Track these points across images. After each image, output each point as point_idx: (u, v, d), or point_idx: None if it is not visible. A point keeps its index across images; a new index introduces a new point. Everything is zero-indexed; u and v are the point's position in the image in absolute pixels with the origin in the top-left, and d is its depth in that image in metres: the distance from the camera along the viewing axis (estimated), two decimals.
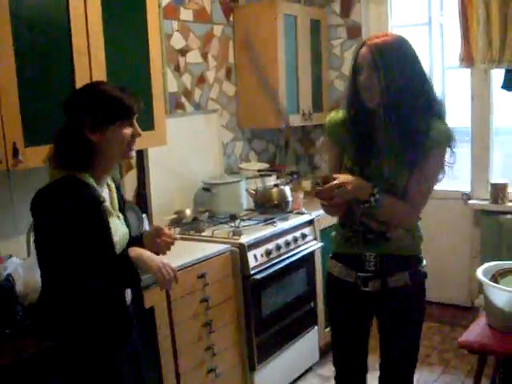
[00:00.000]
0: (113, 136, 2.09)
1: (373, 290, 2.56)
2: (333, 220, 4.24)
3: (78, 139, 2.07)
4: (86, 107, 2.07)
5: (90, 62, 2.93)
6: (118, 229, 2.22)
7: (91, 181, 2.10)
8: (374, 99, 2.37)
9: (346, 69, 4.77)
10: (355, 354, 2.76)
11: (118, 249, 2.19)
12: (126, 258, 2.15)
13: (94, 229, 2.05)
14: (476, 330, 3.29)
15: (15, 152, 2.58)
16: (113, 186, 2.30)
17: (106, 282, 2.10)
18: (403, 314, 2.60)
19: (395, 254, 2.53)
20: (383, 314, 2.66)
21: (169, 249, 2.36)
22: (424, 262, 2.62)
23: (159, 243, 2.33)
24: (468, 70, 4.44)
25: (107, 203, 2.18)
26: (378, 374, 2.73)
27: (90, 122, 2.05)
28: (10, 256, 2.87)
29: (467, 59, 4.24)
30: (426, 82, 2.40)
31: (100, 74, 2.97)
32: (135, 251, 2.18)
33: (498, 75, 4.40)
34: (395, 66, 2.30)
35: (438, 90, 2.47)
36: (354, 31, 4.90)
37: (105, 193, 2.22)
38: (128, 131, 2.13)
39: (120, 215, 2.30)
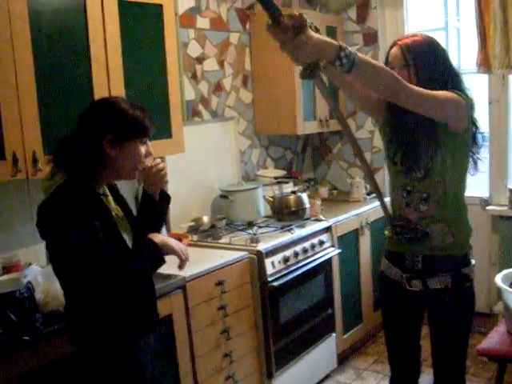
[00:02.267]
0: (129, 152, 2.16)
1: (416, 290, 2.56)
2: (351, 226, 4.27)
3: (95, 151, 2.12)
4: (110, 123, 2.13)
5: (108, 72, 2.96)
6: (122, 226, 2.28)
7: (90, 186, 2.16)
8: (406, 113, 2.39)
9: None
10: (407, 353, 2.77)
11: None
12: (152, 243, 2.19)
13: (108, 232, 2.12)
14: (495, 337, 3.27)
15: (34, 161, 2.61)
16: (107, 191, 2.32)
17: (134, 275, 2.17)
18: (446, 315, 2.58)
19: (436, 253, 2.51)
20: (428, 314, 2.66)
21: (163, 179, 2.44)
22: (472, 262, 2.57)
23: (151, 177, 2.41)
24: (485, 75, 4.42)
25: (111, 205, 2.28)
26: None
27: (112, 138, 2.12)
28: (30, 264, 2.90)
29: (484, 65, 4.22)
30: (457, 77, 2.44)
31: (118, 84, 3.01)
32: (157, 237, 2.23)
33: None
34: (425, 64, 2.38)
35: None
36: (371, 37, 4.89)
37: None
38: (143, 149, 2.21)
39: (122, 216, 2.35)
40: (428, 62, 2.39)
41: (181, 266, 2.32)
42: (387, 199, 2.63)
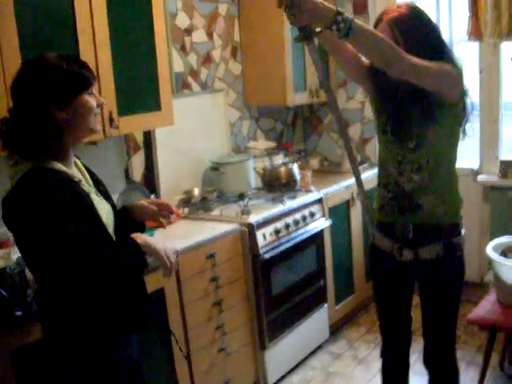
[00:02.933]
0: (81, 107, 1.97)
1: (407, 260, 2.57)
2: (342, 198, 4.27)
3: (45, 121, 1.92)
4: (49, 86, 1.92)
5: (95, 44, 2.91)
6: (101, 206, 2.08)
7: (60, 166, 1.97)
8: (397, 82, 2.37)
9: None
10: (399, 324, 2.78)
11: (109, 229, 2.10)
12: (135, 245, 2.05)
13: (85, 221, 1.95)
14: (486, 307, 3.30)
15: None
16: (78, 162, 2.16)
17: (115, 274, 2.00)
18: (437, 285, 2.58)
19: (427, 223, 2.51)
20: (419, 284, 2.67)
21: (169, 222, 2.37)
22: (462, 232, 2.57)
23: (159, 215, 2.33)
24: (477, 44, 4.39)
25: (83, 181, 2.06)
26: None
27: (55, 100, 1.92)
28: None
29: (475, 33, 4.18)
30: (446, 46, 2.43)
31: (105, 56, 2.97)
32: (140, 237, 2.09)
33: (507, 48, 4.35)
34: (415, 37, 2.35)
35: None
36: (360, 5, 4.84)
37: (74, 169, 2.08)
38: (93, 100, 2.01)
39: (96, 191, 2.14)
40: (417, 35, 2.35)
41: (165, 275, 2.19)
42: (375, 171, 2.63)
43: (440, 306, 2.60)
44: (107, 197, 2.19)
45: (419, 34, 2.37)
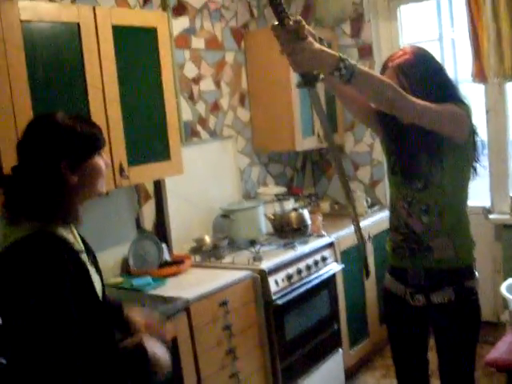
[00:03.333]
0: (92, 171, 1.92)
1: (420, 305, 2.55)
2: (354, 241, 4.25)
3: (55, 183, 1.85)
4: (61, 147, 1.86)
5: (105, 97, 2.99)
6: (95, 278, 1.96)
7: (65, 233, 1.87)
8: (406, 125, 2.40)
9: None
10: (415, 368, 2.74)
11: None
12: (142, 353, 1.94)
13: (86, 302, 1.84)
14: (503, 347, 3.25)
15: None
16: (73, 229, 2.02)
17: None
18: (450, 330, 2.55)
19: (439, 267, 2.49)
20: (434, 329, 2.63)
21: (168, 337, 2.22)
22: (476, 275, 2.53)
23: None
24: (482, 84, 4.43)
25: (84, 254, 1.95)
26: None
27: (68, 163, 1.86)
28: None
29: (479, 75, 4.22)
30: (453, 87, 2.44)
31: (114, 109, 3.03)
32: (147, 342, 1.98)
33: None
34: (420, 81, 2.37)
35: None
36: (365, 51, 4.91)
37: (76, 235, 1.99)
38: (102, 162, 1.96)
39: (90, 261, 2.01)
40: (422, 79, 2.37)
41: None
42: (386, 213, 2.62)
43: (455, 351, 2.56)
44: (97, 268, 2.06)
45: (424, 78, 2.38)
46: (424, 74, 2.39)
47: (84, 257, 1.93)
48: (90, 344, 1.81)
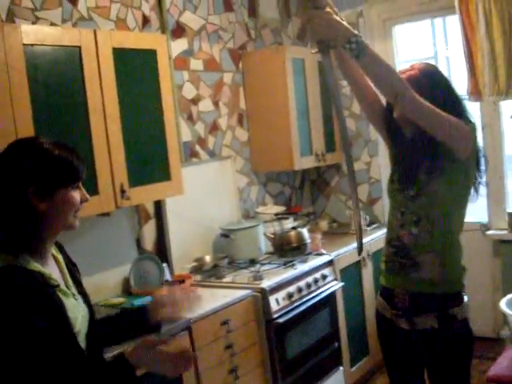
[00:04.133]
0: (63, 202, 1.78)
1: (408, 329, 2.49)
2: (353, 259, 4.27)
3: (23, 211, 1.73)
4: (32, 170, 1.74)
5: (106, 120, 3.02)
6: (77, 311, 1.84)
7: (36, 266, 1.74)
8: (410, 131, 2.44)
9: (356, 107, 4.82)
10: None
11: (81, 336, 1.84)
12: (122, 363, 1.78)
13: (58, 332, 1.71)
14: (503, 363, 3.26)
15: None
16: (59, 256, 1.93)
17: None
18: (438, 357, 2.48)
19: (423, 291, 2.44)
20: (423, 354, 2.56)
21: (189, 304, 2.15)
22: (464, 301, 2.45)
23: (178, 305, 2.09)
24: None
25: (61, 285, 1.82)
26: None
27: (37, 189, 1.73)
28: None
29: (475, 93, 4.27)
30: (459, 102, 2.44)
31: (115, 130, 3.06)
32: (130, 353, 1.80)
33: (507, 104, 4.44)
34: (425, 97, 2.32)
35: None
36: None
37: (51, 268, 1.85)
38: (77, 195, 1.83)
39: (75, 292, 1.91)
40: (427, 94, 2.32)
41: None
42: (384, 231, 2.61)
43: (445, 377, 2.50)
44: (85, 298, 1.95)
45: (430, 93, 2.34)
46: (428, 89, 2.36)
47: (61, 289, 1.80)
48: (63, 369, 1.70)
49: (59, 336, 1.70)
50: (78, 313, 1.83)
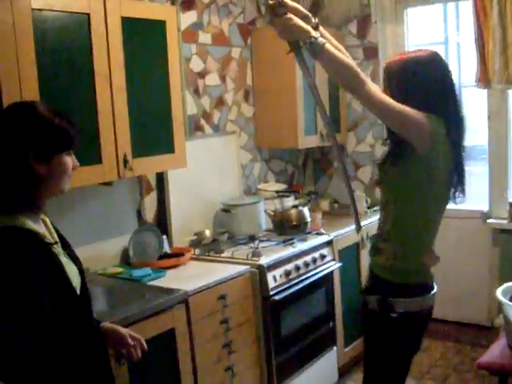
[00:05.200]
0: (59, 166, 1.85)
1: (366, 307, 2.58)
2: (352, 240, 4.28)
3: (23, 174, 1.79)
4: (34, 136, 1.80)
5: (112, 87, 3.00)
6: (70, 268, 1.90)
7: (32, 225, 1.80)
8: None
9: None
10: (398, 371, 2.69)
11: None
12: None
13: (58, 289, 1.79)
14: (496, 351, 3.28)
15: None
16: (47, 220, 1.98)
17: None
18: (371, 339, 2.60)
19: (376, 273, 2.53)
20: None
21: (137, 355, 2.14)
22: (411, 297, 2.44)
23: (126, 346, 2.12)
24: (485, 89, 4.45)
25: (57, 246, 1.90)
26: None
27: (37, 152, 1.79)
28: None
29: (483, 80, 4.24)
30: (434, 99, 2.38)
31: (121, 99, 3.05)
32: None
33: None
34: (398, 87, 2.41)
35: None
36: (371, 52, 4.93)
37: (43, 229, 1.90)
38: (70, 161, 1.90)
39: (64, 252, 1.96)
40: (399, 81, 2.40)
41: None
42: None
43: (368, 360, 2.63)
44: (75, 259, 2.00)
45: (403, 84, 2.39)
46: (402, 76, 2.40)
47: (57, 248, 1.88)
48: (65, 330, 1.79)
49: (59, 293, 1.77)
50: (69, 269, 1.89)
